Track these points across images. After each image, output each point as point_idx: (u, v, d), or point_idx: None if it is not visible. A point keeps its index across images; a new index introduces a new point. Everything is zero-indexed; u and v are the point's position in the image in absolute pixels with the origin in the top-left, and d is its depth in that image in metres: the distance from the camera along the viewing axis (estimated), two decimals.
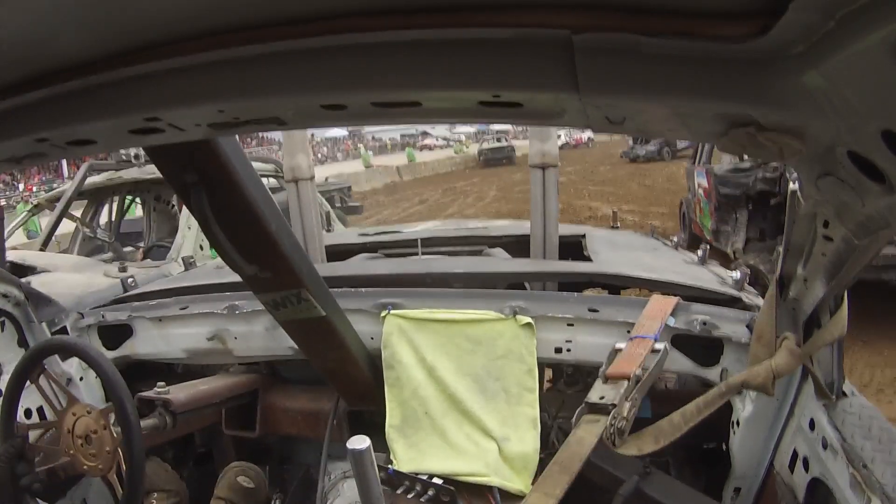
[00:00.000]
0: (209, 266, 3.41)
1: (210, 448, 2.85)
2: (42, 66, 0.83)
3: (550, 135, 3.07)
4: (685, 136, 0.83)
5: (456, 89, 0.77)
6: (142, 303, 2.57)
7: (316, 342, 2.09)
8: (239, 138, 1.60)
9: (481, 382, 2.20)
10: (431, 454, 2.18)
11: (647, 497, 1.88)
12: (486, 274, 2.74)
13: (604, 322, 2.11)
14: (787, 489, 1.75)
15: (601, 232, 3.82)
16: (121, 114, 0.90)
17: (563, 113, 0.80)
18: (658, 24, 0.61)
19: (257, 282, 1.78)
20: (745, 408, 1.92)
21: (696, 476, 2.31)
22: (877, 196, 0.75)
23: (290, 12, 0.70)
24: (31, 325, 2.35)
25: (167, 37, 0.75)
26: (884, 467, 1.39)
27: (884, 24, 0.49)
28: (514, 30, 0.66)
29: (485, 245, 3.45)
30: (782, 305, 1.66)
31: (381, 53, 0.73)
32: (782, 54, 0.60)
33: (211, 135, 1.01)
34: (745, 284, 2.38)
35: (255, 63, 0.77)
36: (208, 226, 1.52)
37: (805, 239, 1.35)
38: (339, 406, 2.42)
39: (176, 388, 2.17)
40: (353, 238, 3.82)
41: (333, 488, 2.38)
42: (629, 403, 1.49)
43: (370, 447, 1.38)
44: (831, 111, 0.64)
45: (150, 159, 4.34)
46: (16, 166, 1.14)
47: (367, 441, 1.39)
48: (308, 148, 3.46)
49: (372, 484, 1.43)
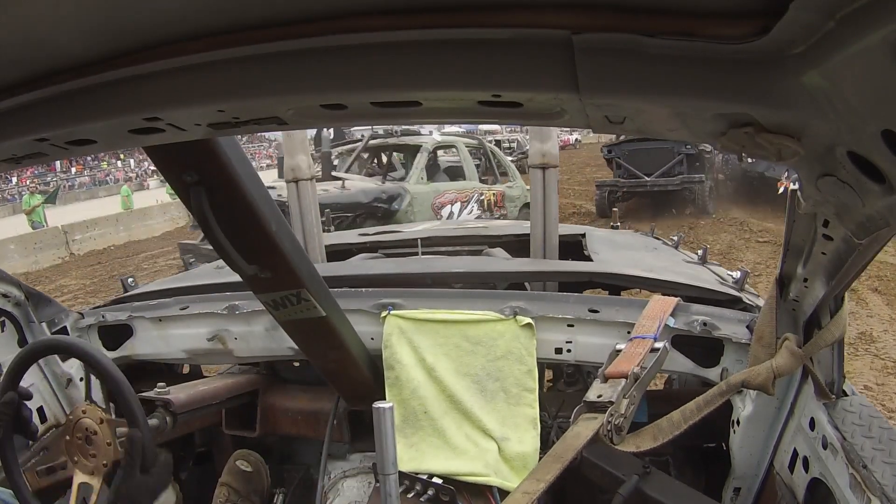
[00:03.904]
0: (209, 266, 3.41)
1: (210, 448, 2.85)
2: (42, 66, 0.83)
3: (550, 135, 3.08)
4: (685, 137, 0.83)
5: (456, 89, 0.77)
6: (142, 303, 2.57)
7: (316, 342, 2.09)
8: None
9: (481, 383, 2.20)
10: (431, 454, 2.18)
11: (647, 497, 1.88)
12: (486, 274, 2.74)
13: (604, 322, 2.11)
14: (787, 489, 1.75)
15: (601, 232, 3.82)
16: (121, 114, 0.90)
17: (563, 113, 0.80)
18: (658, 24, 0.61)
19: (257, 282, 1.77)
20: (745, 407, 1.92)
21: (696, 476, 2.31)
22: (877, 196, 0.75)
23: (291, 12, 0.70)
24: (31, 325, 2.35)
25: (167, 37, 0.75)
26: (884, 467, 1.39)
27: (884, 24, 0.49)
28: (514, 30, 0.66)
29: (485, 245, 3.46)
30: (782, 306, 1.66)
31: (381, 53, 0.73)
32: (782, 54, 0.60)
33: (211, 135, 1.01)
34: (744, 285, 2.38)
35: (255, 63, 0.77)
36: (208, 226, 1.52)
37: (805, 239, 1.35)
38: (339, 406, 2.42)
39: (176, 388, 2.17)
40: (353, 238, 3.82)
41: (333, 488, 2.38)
42: (627, 401, 1.49)
43: (392, 407, 1.57)
44: (831, 111, 0.64)
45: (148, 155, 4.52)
46: (16, 166, 1.14)
47: (391, 403, 1.59)
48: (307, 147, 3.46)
49: (389, 443, 1.56)
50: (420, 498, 2.04)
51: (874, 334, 6.63)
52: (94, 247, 16.54)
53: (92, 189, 38.31)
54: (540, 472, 1.38)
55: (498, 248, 3.35)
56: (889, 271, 8.66)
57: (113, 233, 17.71)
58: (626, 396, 1.51)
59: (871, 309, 7.46)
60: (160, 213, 19.95)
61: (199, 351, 2.49)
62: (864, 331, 6.71)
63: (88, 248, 16.40)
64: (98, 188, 38.65)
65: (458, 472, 2.12)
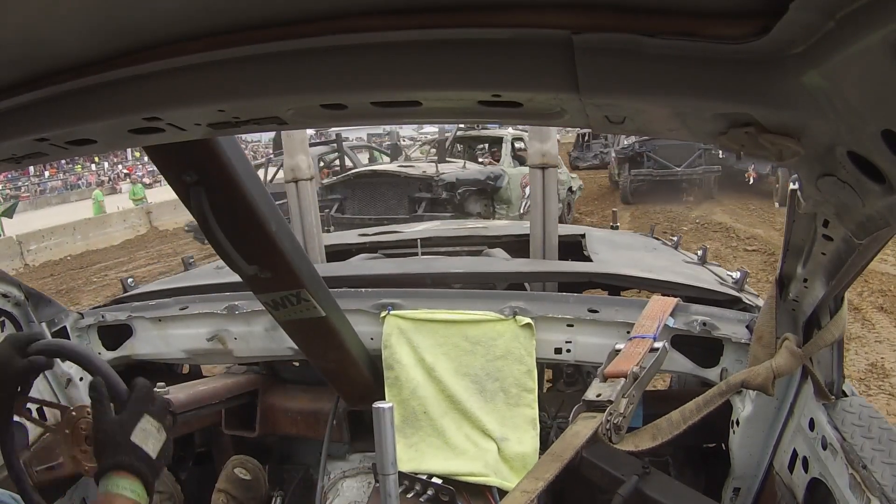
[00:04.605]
0: (209, 266, 3.41)
1: (210, 448, 2.85)
2: (42, 66, 0.83)
3: (550, 135, 3.08)
4: (685, 137, 0.83)
5: (456, 89, 0.77)
6: (141, 303, 2.57)
7: (316, 342, 2.09)
8: None
9: (480, 383, 2.20)
10: (431, 454, 2.18)
11: (647, 497, 1.88)
12: (486, 274, 2.74)
13: (603, 323, 2.11)
14: (787, 489, 1.75)
15: (601, 232, 3.82)
16: (121, 113, 0.90)
17: (563, 113, 0.80)
18: (658, 24, 0.61)
19: (257, 282, 1.77)
20: (744, 408, 1.92)
21: (696, 476, 2.31)
22: (877, 196, 0.75)
23: (290, 12, 0.70)
24: (31, 325, 2.35)
25: (167, 37, 0.75)
26: (883, 468, 1.39)
27: (884, 24, 0.49)
28: (514, 30, 0.66)
29: (484, 245, 3.46)
30: (782, 306, 1.66)
31: (381, 53, 0.73)
32: (782, 54, 0.60)
33: (211, 134, 1.01)
34: (744, 285, 2.38)
35: (255, 63, 0.77)
36: (208, 226, 1.52)
37: (805, 239, 1.35)
38: (338, 406, 2.42)
39: (176, 388, 2.17)
40: (353, 238, 3.82)
41: (333, 488, 2.38)
42: (626, 400, 1.50)
43: (392, 408, 1.59)
44: (831, 111, 0.64)
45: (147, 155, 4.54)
46: (16, 166, 1.14)
47: (391, 403, 1.61)
48: (307, 148, 3.46)
49: (388, 443, 1.57)
50: (420, 498, 2.04)
51: (887, 366, 5.48)
52: (50, 257, 15.44)
53: (64, 193, 36.63)
54: (539, 471, 1.38)
55: (497, 248, 3.35)
56: (895, 284, 7.56)
57: (70, 242, 16.39)
58: (625, 395, 1.52)
59: (878, 332, 6.28)
60: (120, 221, 18.48)
61: (198, 351, 2.49)
62: (874, 361, 5.58)
63: (44, 259, 15.33)
64: (70, 192, 37.07)
65: (457, 473, 2.12)
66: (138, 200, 20.64)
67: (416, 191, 10.13)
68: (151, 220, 19.06)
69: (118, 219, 18.62)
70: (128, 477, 1.09)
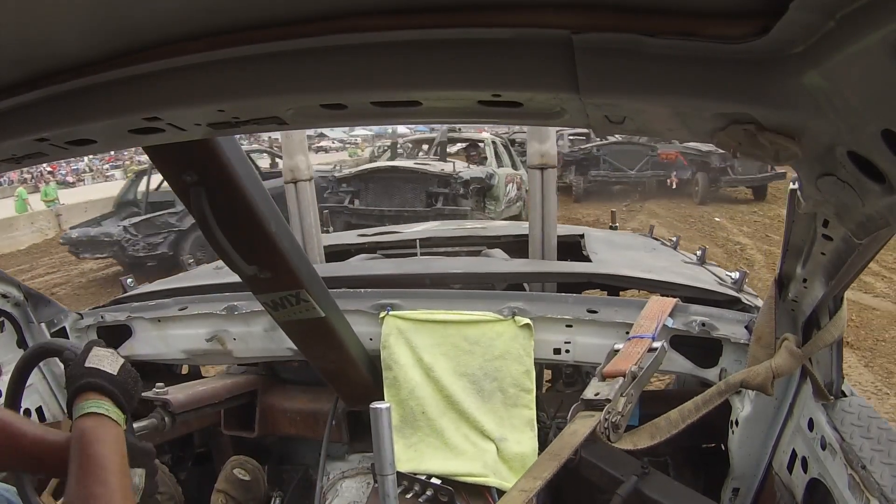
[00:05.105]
0: (209, 266, 3.41)
1: (209, 448, 2.85)
2: (42, 66, 0.83)
3: (549, 135, 3.08)
4: (685, 136, 0.83)
5: (456, 89, 0.77)
6: (141, 303, 2.56)
7: (315, 343, 2.09)
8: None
9: (478, 383, 2.20)
10: (429, 454, 2.18)
11: (646, 497, 1.88)
12: (485, 274, 2.74)
13: (602, 323, 2.11)
14: (786, 489, 1.76)
15: (600, 232, 3.82)
16: (121, 114, 0.90)
17: (563, 113, 0.80)
18: (658, 24, 0.61)
19: (256, 282, 1.77)
20: (743, 408, 1.92)
21: (695, 476, 2.31)
22: (877, 196, 0.75)
23: (290, 12, 0.70)
24: (31, 325, 2.35)
25: (167, 37, 0.75)
26: (882, 468, 1.39)
27: (884, 24, 0.50)
28: (514, 30, 0.66)
29: (483, 245, 3.46)
30: (781, 306, 1.66)
31: (381, 53, 0.73)
32: (782, 54, 0.60)
33: (211, 134, 1.01)
34: (743, 285, 2.39)
35: (255, 63, 0.77)
36: (208, 226, 1.52)
37: (805, 239, 1.35)
38: (337, 406, 2.42)
39: (175, 388, 2.17)
40: (352, 238, 3.82)
41: (332, 488, 2.38)
42: (624, 399, 1.49)
43: (390, 408, 1.58)
44: (831, 111, 0.64)
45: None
46: (16, 166, 1.14)
47: (389, 404, 1.59)
48: (306, 148, 3.46)
49: (386, 444, 1.57)
50: (418, 498, 2.04)
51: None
52: None
53: None
54: (537, 470, 1.38)
55: (497, 248, 3.35)
56: (868, 315, 6.27)
57: None
58: (623, 395, 1.51)
59: (849, 375, 5.46)
60: (28, 224, 16.56)
61: (197, 351, 2.49)
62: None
63: None
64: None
65: (456, 473, 2.12)
66: (50, 202, 19.09)
67: (434, 186, 10.74)
68: (61, 223, 16.76)
69: (26, 222, 16.82)
70: (91, 397, 1.09)
